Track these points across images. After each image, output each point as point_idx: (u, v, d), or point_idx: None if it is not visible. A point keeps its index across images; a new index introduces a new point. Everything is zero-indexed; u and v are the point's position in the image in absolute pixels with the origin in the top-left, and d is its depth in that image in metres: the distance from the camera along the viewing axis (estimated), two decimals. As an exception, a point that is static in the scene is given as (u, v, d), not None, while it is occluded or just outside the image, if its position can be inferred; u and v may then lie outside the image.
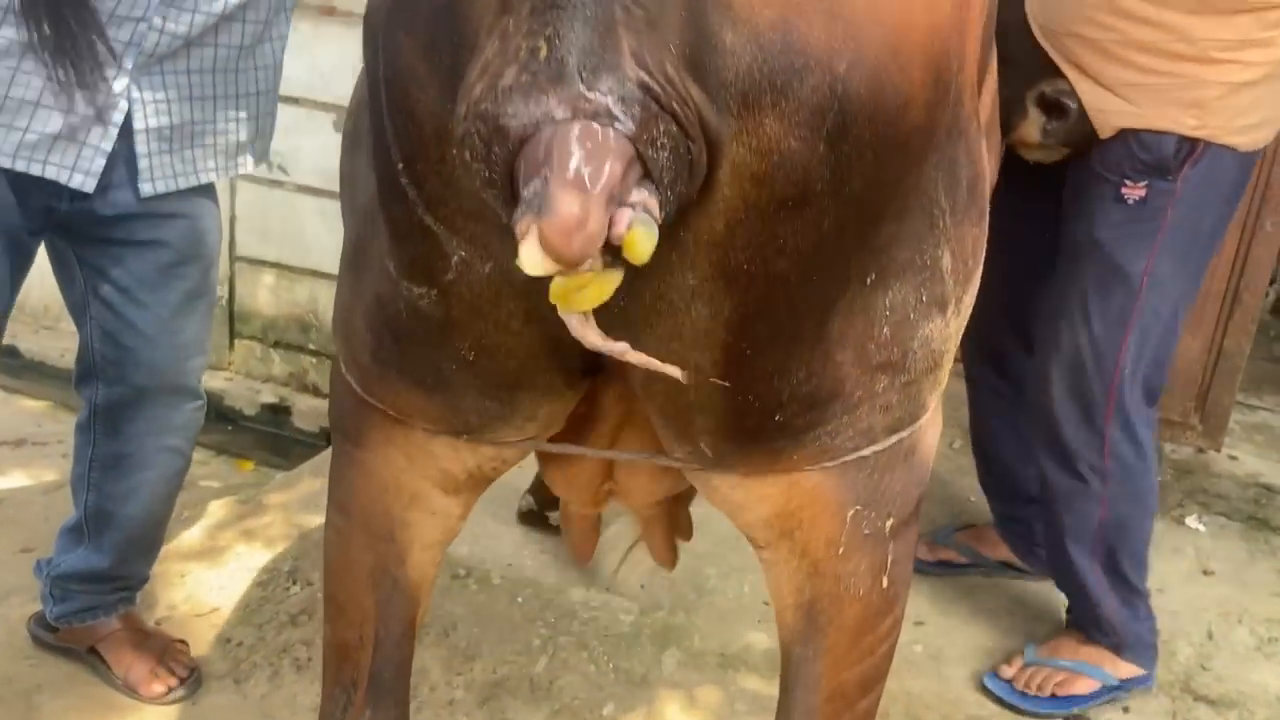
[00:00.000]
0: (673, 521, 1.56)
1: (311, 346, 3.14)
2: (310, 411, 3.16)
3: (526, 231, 0.66)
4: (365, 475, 1.12)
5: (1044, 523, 2.03)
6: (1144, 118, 1.70)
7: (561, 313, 0.75)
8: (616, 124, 0.68)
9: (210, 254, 1.74)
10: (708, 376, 0.89)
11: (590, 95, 0.68)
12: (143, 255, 1.65)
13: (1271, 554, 2.63)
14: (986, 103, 1.11)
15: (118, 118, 1.51)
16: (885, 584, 1.09)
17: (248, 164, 1.73)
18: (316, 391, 3.23)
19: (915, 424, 1.05)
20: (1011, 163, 1.77)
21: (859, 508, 1.03)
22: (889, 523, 1.06)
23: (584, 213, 0.65)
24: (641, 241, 0.69)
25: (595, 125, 0.68)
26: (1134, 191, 1.73)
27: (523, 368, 0.93)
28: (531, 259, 0.67)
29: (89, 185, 1.52)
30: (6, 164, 1.47)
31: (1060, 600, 2.17)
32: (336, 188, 3.45)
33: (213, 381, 3.04)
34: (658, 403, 0.96)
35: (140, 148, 1.55)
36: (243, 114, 1.66)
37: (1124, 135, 1.72)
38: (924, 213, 0.92)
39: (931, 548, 2.36)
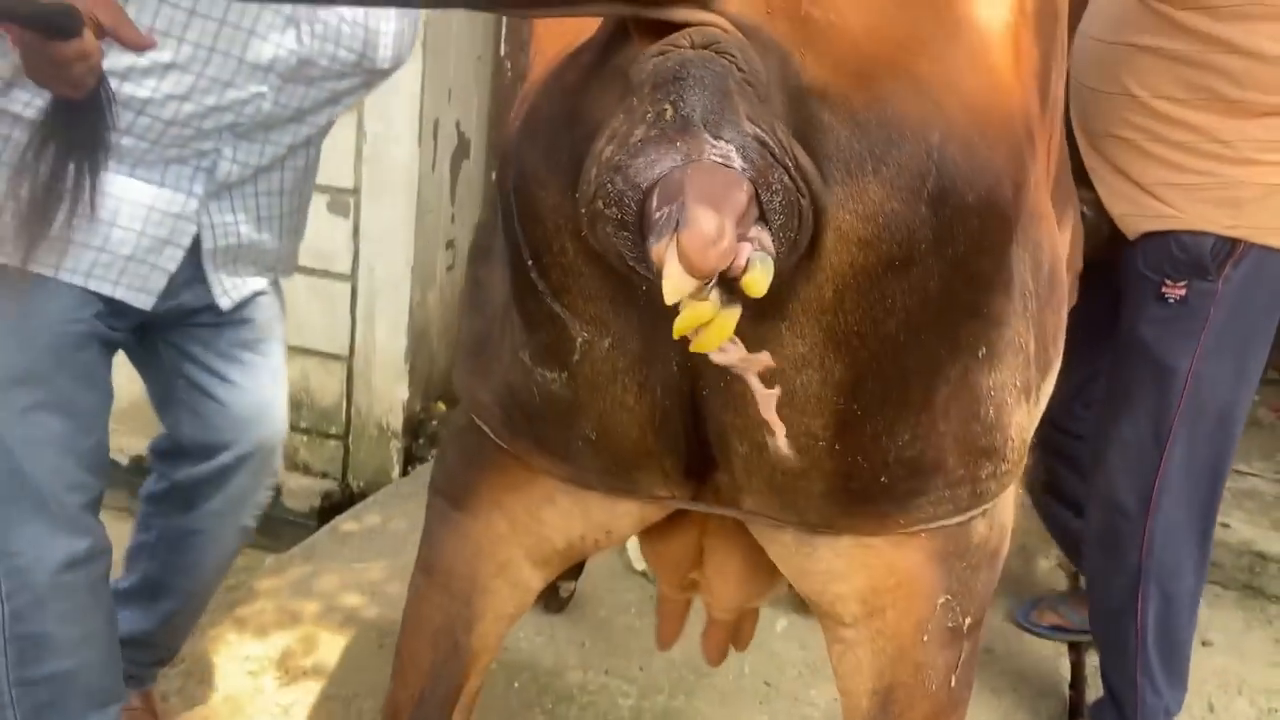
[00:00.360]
0: (737, 629, 1.57)
1: (303, 425, 3.12)
2: (301, 491, 3.13)
3: (665, 250, 0.72)
4: (460, 537, 1.18)
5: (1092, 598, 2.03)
6: (1180, 218, 1.72)
7: (696, 348, 0.79)
8: (740, 167, 0.76)
9: (281, 331, 1.80)
10: (818, 440, 0.93)
11: (715, 143, 0.76)
12: (230, 334, 1.69)
13: (1268, 623, 2.63)
14: (1057, 198, 1.16)
15: (185, 240, 1.56)
16: (953, 683, 1.10)
17: (285, 272, 1.79)
18: (307, 470, 3.21)
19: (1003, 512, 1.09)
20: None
21: (949, 597, 1.06)
22: (967, 621, 1.08)
23: (719, 228, 0.71)
24: (759, 274, 0.74)
25: (718, 166, 0.76)
26: (1174, 290, 1.75)
27: (637, 447, 1.00)
28: (672, 273, 0.72)
29: (149, 304, 1.56)
30: (80, 282, 1.50)
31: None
32: (328, 267, 3.44)
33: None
34: (765, 473, 0.98)
35: (208, 267, 1.60)
36: (296, 226, 1.73)
37: (1164, 235, 1.74)
38: (1020, 292, 0.97)
39: (1041, 613, 2.42)
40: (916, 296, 0.85)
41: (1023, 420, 1.04)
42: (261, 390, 1.75)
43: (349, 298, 3.05)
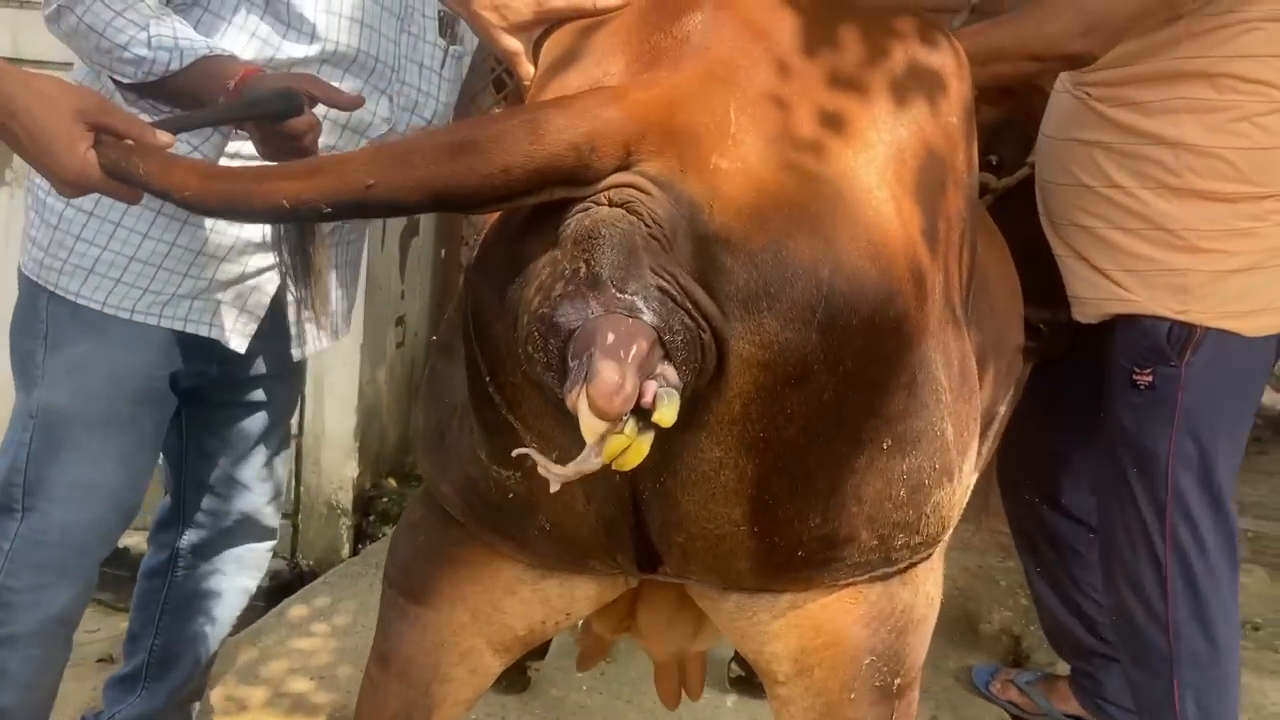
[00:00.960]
0: (683, 674, 1.70)
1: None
2: (248, 572, 3.09)
3: (577, 399, 0.84)
4: (420, 629, 1.23)
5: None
6: (1135, 303, 1.77)
7: (617, 467, 0.90)
8: (642, 315, 0.89)
9: (293, 413, 1.90)
10: (739, 526, 1.05)
11: (620, 296, 0.89)
12: (253, 414, 1.77)
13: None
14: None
15: (270, 287, 1.62)
16: None
17: (345, 330, 1.83)
18: (255, 550, 3.17)
19: (928, 582, 1.19)
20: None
21: (874, 658, 1.16)
22: (896, 681, 1.18)
23: (620, 377, 0.83)
24: (666, 407, 0.87)
25: (626, 316, 0.88)
26: (1143, 377, 1.78)
27: (588, 543, 1.11)
28: (586, 420, 0.84)
29: (243, 346, 1.63)
30: (179, 326, 1.57)
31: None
32: None
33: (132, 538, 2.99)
34: (701, 557, 1.10)
35: (291, 315, 1.66)
36: (349, 282, 1.78)
37: (1129, 320, 1.79)
38: (930, 389, 1.07)
39: (1004, 686, 2.40)
40: (813, 405, 0.97)
41: (942, 498, 1.14)
42: (266, 461, 1.82)
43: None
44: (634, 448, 0.87)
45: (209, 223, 1.55)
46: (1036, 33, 1.64)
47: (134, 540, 3.02)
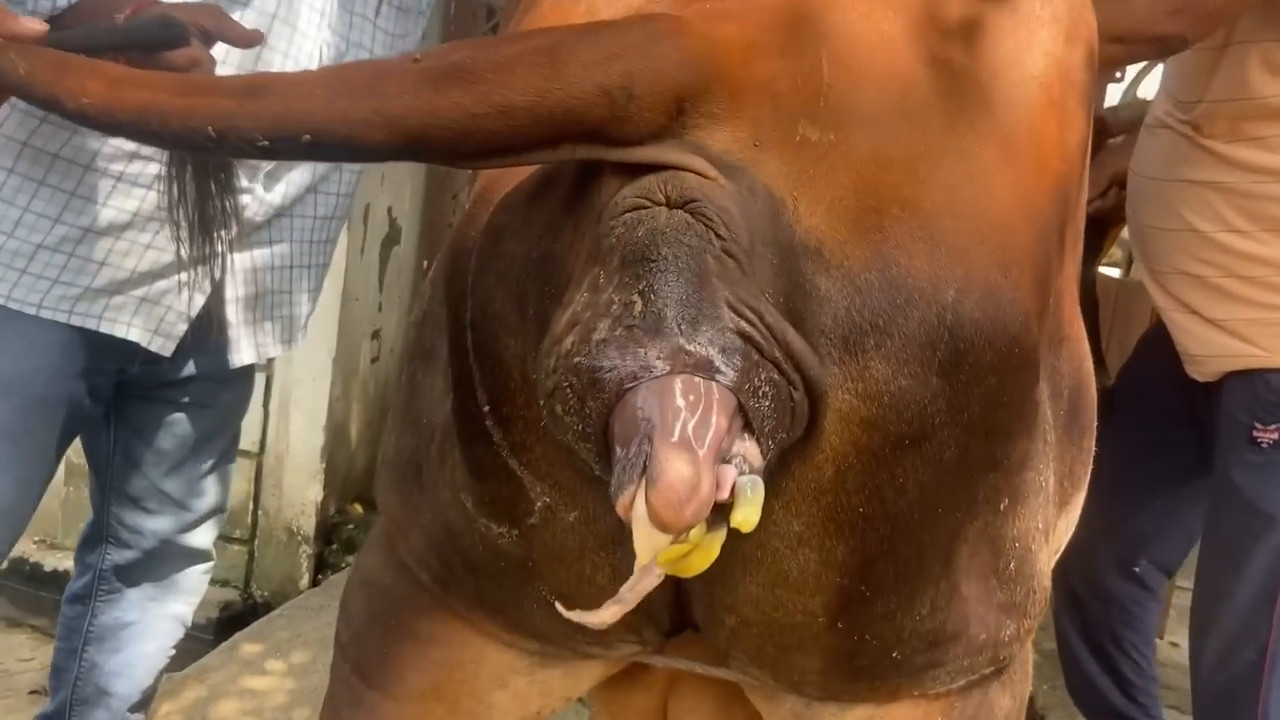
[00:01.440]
0: None
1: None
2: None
3: (631, 504, 0.61)
4: None
5: None
6: (1264, 357, 1.63)
7: (676, 573, 0.67)
8: (719, 375, 0.65)
9: (240, 421, 1.73)
10: (816, 618, 0.81)
11: (690, 347, 0.65)
12: (189, 420, 1.60)
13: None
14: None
15: (207, 285, 1.46)
16: None
17: (301, 338, 1.67)
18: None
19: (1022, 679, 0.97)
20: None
21: None
22: None
23: (695, 476, 0.60)
24: (749, 504, 0.64)
25: (697, 378, 0.64)
26: (1266, 435, 1.64)
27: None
28: (643, 534, 0.62)
29: (168, 349, 1.47)
30: (92, 325, 1.40)
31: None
32: None
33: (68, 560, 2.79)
34: (753, 645, 0.86)
35: (231, 317, 1.50)
36: (311, 286, 1.62)
37: (1247, 375, 1.65)
38: (1039, 431, 0.86)
39: None
40: (931, 470, 0.75)
41: (1044, 566, 0.93)
42: (202, 475, 1.65)
43: (262, 389, 2.83)
44: (698, 553, 0.65)
45: (133, 203, 1.37)
46: (1123, 9, 1.48)
47: (70, 563, 2.81)
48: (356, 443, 3.02)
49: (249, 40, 1.22)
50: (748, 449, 0.66)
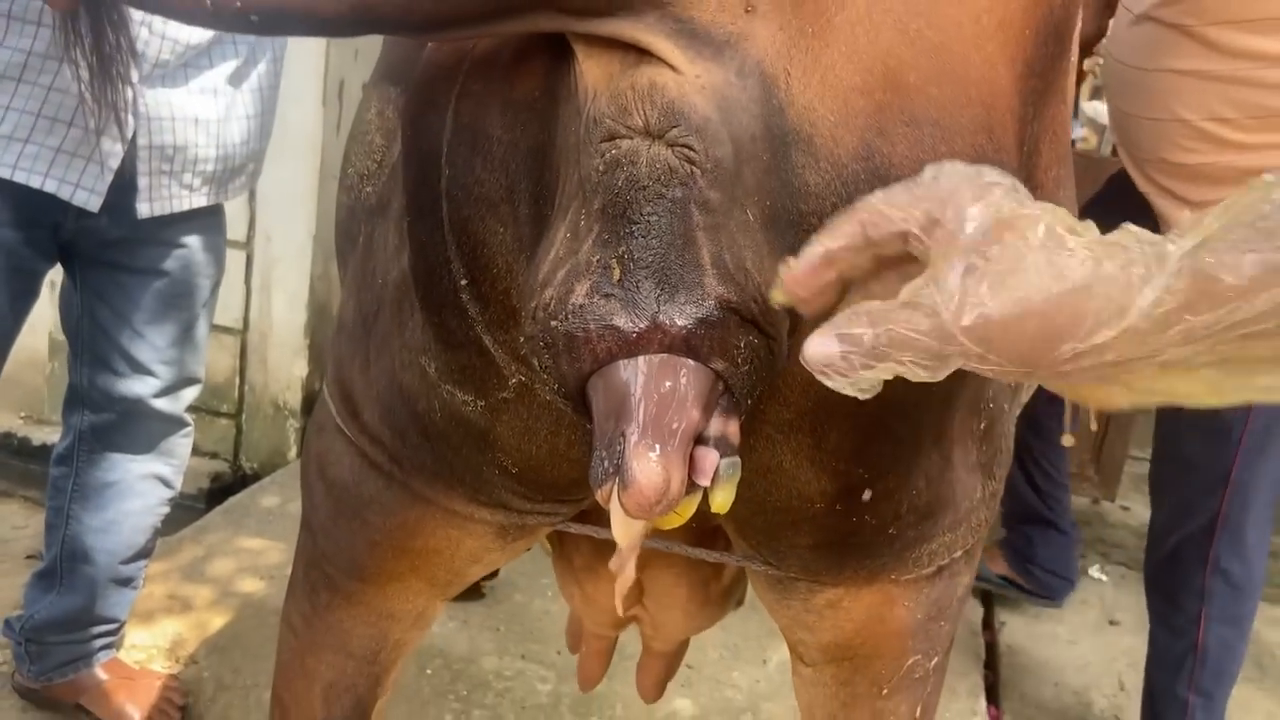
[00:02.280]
0: (675, 661, 1.44)
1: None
2: (189, 471, 2.92)
3: (608, 496, 0.62)
4: (359, 605, 1.00)
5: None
6: None
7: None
8: (697, 351, 0.63)
9: (210, 282, 1.70)
10: (814, 504, 0.80)
11: (668, 323, 0.62)
12: (143, 282, 1.60)
13: (1170, 602, 2.69)
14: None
15: (126, 134, 1.43)
16: (919, 713, 1.04)
17: (241, 189, 1.66)
18: (196, 450, 3.00)
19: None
20: None
21: (918, 657, 0.98)
22: (932, 663, 1.01)
23: (664, 476, 0.60)
24: (725, 488, 0.64)
25: (672, 361, 0.62)
26: None
27: (575, 485, 0.85)
28: (619, 522, 0.64)
29: (94, 204, 1.44)
30: (6, 174, 1.37)
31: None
32: None
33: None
34: (744, 520, 0.86)
35: (141, 166, 1.47)
36: (238, 138, 1.59)
37: None
38: None
39: None
40: (920, 384, 0.74)
41: (1010, 426, 0.95)
42: (170, 341, 1.66)
43: (244, 267, 2.87)
44: (671, 517, 0.65)
45: (26, 41, 1.33)
46: None
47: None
48: (338, 320, 3.05)
49: None
50: (728, 429, 0.64)
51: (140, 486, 1.73)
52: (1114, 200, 2.00)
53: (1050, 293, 0.52)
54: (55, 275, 1.63)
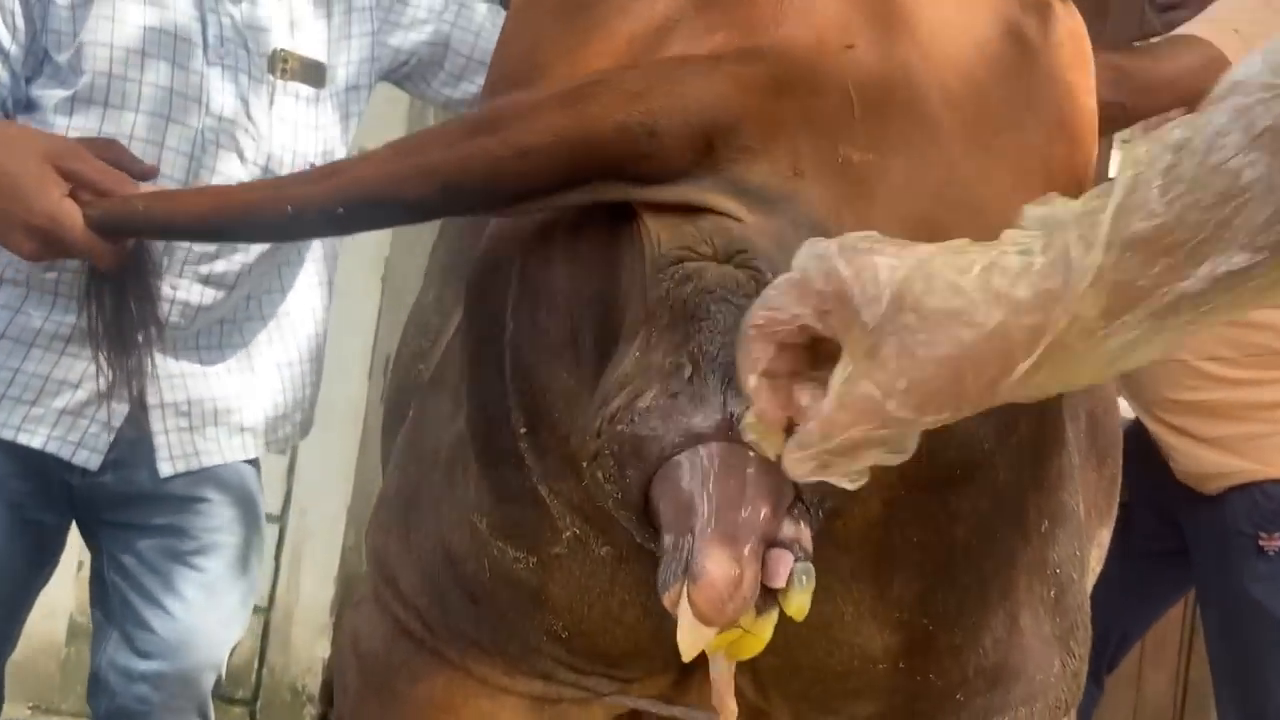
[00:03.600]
0: None
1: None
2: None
3: (676, 600, 0.60)
4: None
5: None
6: (1261, 470, 1.70)
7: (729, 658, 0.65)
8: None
9: (238, 542, 1.59)
10: (876, 664, 0.78)
11: (736, 415, 0.63)
12: (158, 543, 1.52)
13: None
14: None
15: (132, 394, 1.42)
16: None
17: (290, 437, 1.63)
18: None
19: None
20: None
21: None
22: None
23: (737, 573, 0.59)
24: (801, 594, 0.63)
25: (738, 450, 0.62)
26: (1272, 543, 1.70)
27: (626, 656, 0.83)
28: (686, 629, 0.61)
29: (94, 463, 1.43)
30: (10, 436, 1.39)
31: None
32: None
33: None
34: (798, 689, 0.82)
35: (156, 425, 1.45)
36: (273, 386, 1.57)
37: (1245, 488, 1.71)
38: (1066, 446, 0.85)
39: None
40: (986, 497, 0.75)
41: (1085, 599, 0.92)
42: (190, 609, 1.55)
43: (275, 542, 2.78)
44: (748, 639, 0.64)
45: (43, 311, 1.38)
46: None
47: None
48: (367, 597, 2.94)
49: (145, 173, 1.25)
50: (801, 533, 0.63)
51: None
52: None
53: (965, 343, 0.53)
54: (84, 556, 1.57)
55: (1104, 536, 1.01)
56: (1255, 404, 1.69)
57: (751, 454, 0.62)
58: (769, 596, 0.62)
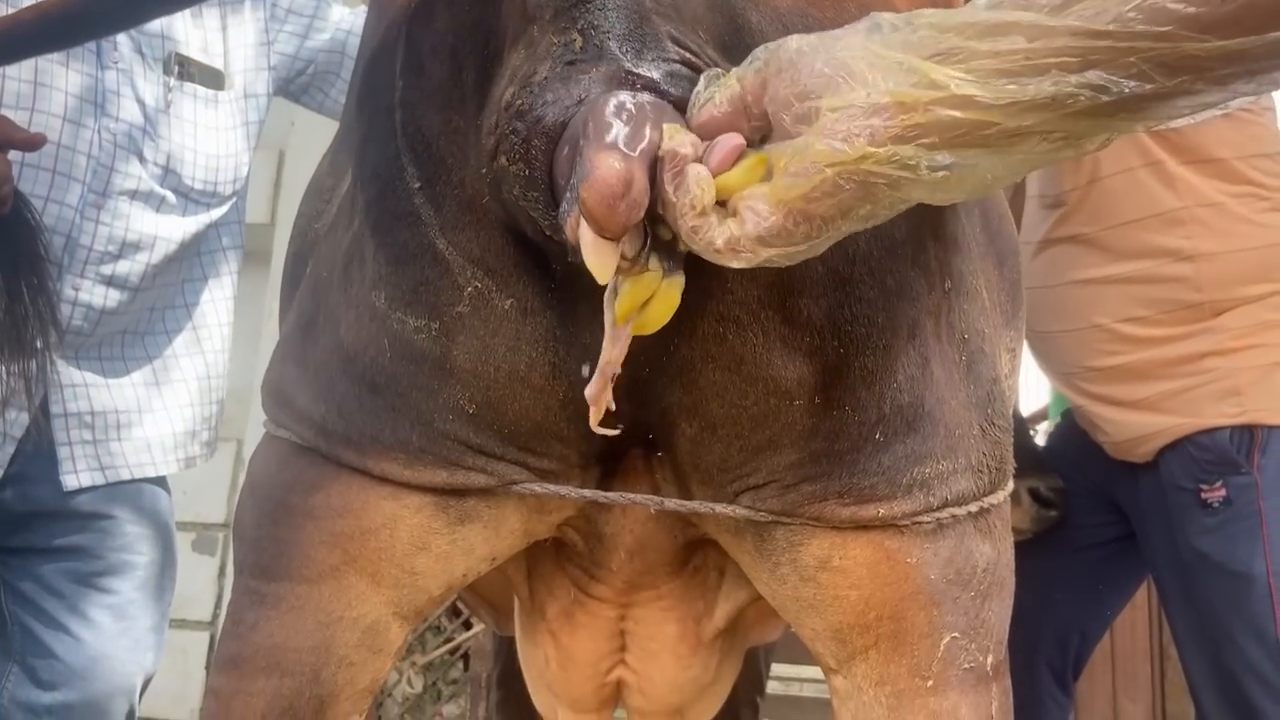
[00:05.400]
0: None
1: None
2: None
3: (576, 225, 0.61)
4: (294, 610, 0.85)
5: None
6: (1189, 423, 1.69)
7: (638, 330, 0.67)
8: (667, 96, 0.65)
9: (149, 561, 1.51)
10: (792, 400, 0.77)
11: (636, 70, 0.65)
12: (61, 566, 1.44)
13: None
14: None
15: (33, 403, 1.39)
16: None
17: (194, 458, 1.58)
18: None
19: (1002, 494, 0.91)
20: None
21: (955, 635, 0.85)
22: (989, 659, 0.87)
23: (626, 171, 0.59)
24: (749, 166, 0.62)
25: (633, 94, 0.63)
26: (1214, 494, 1.67)
27: (538, 430, 0.80)
28: (588, 242, 0.61)
29: None
30: None
31: None
32: (184, 615, 3.01)
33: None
34: (718, 452, 0.81)
35: (60, 435, 1.42)
36: (183, 400, 1.54)
37: (1177, 445, 1.70)
38: (958, 220, 0.85)
39: None
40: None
41: (1000, 374, 0.92)
42: (98, 635, 1.46)
43: (206, 650, 2.66)
44: (660, 296, 0.64)
45: None
46: None
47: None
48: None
49: (33, 144, 1.26)
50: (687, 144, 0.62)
51: None
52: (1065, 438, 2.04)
53: None
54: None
55: (1010, 340, 0.97)
56: (1175, 359, 1.69)
57: (645, 95, 0.63)
58: (671, 253, 0.63)
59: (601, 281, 0.63)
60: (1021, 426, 1.90)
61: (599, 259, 0.61)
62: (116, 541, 1.48)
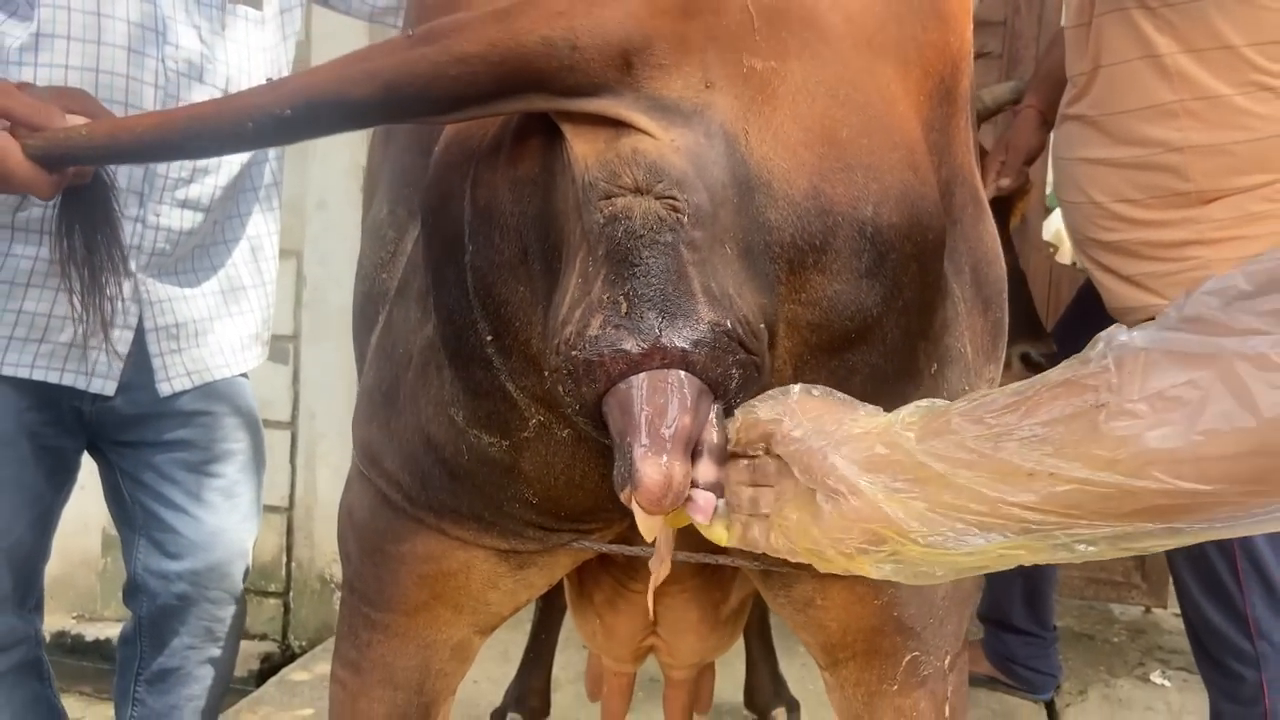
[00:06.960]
0: (696, 690, 1.53)
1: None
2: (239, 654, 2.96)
3: (629, 499, 0.75)
4: (397, 636, 1.07)
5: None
6: (1166, 305, 1.73)
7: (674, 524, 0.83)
8: (694, 367, 0.76)
9: (244, 449, 1.74)
10: None
11: (668, 345, 0.75)
12: (171, 456, 1.65)
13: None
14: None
15: (131, 320, 1.54)
16: (948, 714, 1.08)
17: (257, 357, 1.75)
18: (245, 632, 3.04)
19: None
20: None
21: (917, 654, 1.04)
22: (946, 660, 1.06)
23: (666, 477, 0.73)
24: (717, 524, 0.80)
25: (668, 374, 0.75)
26: None
27: (587, 513, 0.97)
28: (642, 519, 0.77)
29: (109, 389, 1.54)
30: (25, 374, 1.48)
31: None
32: (266, 415, 3.25)
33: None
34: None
35: (152, 348, 1.57)
36: (246, 306, 1.69)
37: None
38: (952, 302, 0.96)
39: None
40: (877, 351, 0.87)
41: None
42: (210, 512, 1.70)
43: (289, 445, 2.98)
44: (684, 515, 0.79)
45: (31, 249, 1.46)
46: None
47: (110, 633, 2.90)
48: (380, 491, 3.13)
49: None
50: (713, 435, 0.78)
51: (199, 672, 1.76)
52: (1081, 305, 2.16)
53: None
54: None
55: (991, 372, 1.09)
56: (1160, 242, 1.75)
57: (674, 372, 0.76)
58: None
59: (647, 537, 0.79)
60: (1020, 292, 1.96)
61: (649, 526, 0.77)
62: (217, 434, 1.69)
